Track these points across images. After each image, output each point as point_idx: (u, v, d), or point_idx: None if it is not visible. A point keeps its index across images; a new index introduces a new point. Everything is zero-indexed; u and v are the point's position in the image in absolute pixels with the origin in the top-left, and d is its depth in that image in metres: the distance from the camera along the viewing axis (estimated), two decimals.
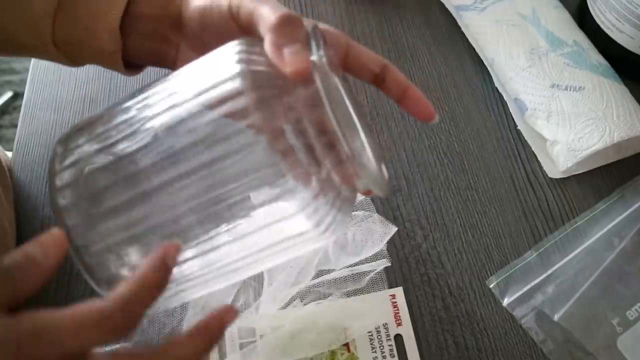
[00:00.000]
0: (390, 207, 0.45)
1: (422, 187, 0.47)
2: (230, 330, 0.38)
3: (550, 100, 0.48)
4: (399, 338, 0.39)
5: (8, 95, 1.39)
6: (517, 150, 0.49)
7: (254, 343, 0.38)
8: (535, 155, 0.49)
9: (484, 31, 0.53)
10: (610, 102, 0.47)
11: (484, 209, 0.46)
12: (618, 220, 0.45)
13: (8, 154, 0.50)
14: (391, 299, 0.41)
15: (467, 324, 0.41)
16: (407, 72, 0.54)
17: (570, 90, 0.48)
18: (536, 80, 0.49)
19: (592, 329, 0.40)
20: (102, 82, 0.52)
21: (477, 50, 0.53)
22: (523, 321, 0.40)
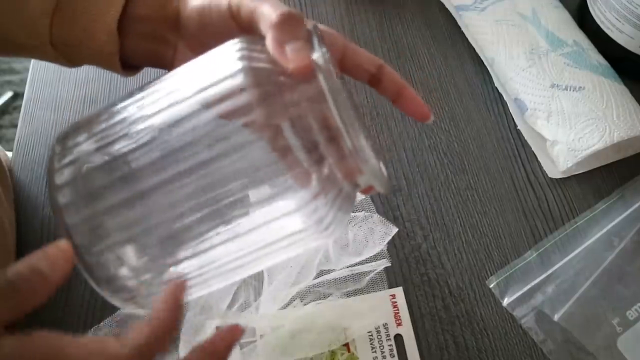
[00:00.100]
0: (390, 207, 0.45)
1: (422, 187, 0.47)
2: None
3: (550, 100, 0.47)
4: (399, 338, 0.39)
5: (8, 95, 1.39)
6: (517, 150, 0.49)
7: (254, 343, 0.38)
8: (535, 155, 0.49)
9: (484, 31, 0.53)
10: (610, 102, 0.47)
11: (484, 209, 0.46)
12: (618, 220, 0.45)
13: (8, 154, 0.50)
14: (391, 299, 0.41)
15: (467, 324, 0.40)
16: (407, 72, 0.54)
17: (570, 90, 0.48)
18: (536, 80, 0.49)
19: (592, 329, 0.40)
20: (102, 82, 0.52)
21: (477, 50, 0.53)
22: (523, 321, 0.40)
